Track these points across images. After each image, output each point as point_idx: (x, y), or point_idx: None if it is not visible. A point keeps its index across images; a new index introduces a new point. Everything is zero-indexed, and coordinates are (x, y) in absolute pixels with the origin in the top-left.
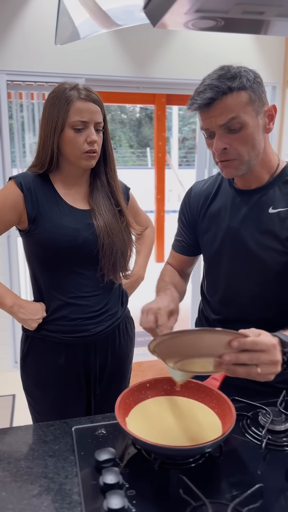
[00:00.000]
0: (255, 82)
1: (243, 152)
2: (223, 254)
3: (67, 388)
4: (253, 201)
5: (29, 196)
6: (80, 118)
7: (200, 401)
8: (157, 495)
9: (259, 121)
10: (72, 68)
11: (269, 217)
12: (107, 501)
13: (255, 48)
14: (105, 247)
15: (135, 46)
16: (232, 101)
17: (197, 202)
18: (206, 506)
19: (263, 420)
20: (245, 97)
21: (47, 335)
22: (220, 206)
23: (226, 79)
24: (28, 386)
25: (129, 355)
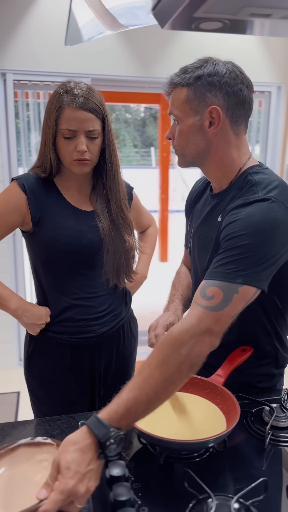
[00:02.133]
0: (200, 80)
1: (178, 145)
2: (190, 253)
3: (72, 388)
4: (211, 206)
5: (33, 198)
6: (68, 127)
7: (205, 397)
8: (162, 488)
9: (195, 121)
10: (78, 67)
11: (216, 225)
12: (114, 492)
13: (260, 48)
14: (110, 253)
15: (141, 46)
16: (174, 95)
17: (190, 199)
18: (211, 499)
19: (267, 416)
20: (184, 93)
21: (52, 337)
22: (199, 205)
23: (180, 73)
24: (32, 386)
25: (132, 354)
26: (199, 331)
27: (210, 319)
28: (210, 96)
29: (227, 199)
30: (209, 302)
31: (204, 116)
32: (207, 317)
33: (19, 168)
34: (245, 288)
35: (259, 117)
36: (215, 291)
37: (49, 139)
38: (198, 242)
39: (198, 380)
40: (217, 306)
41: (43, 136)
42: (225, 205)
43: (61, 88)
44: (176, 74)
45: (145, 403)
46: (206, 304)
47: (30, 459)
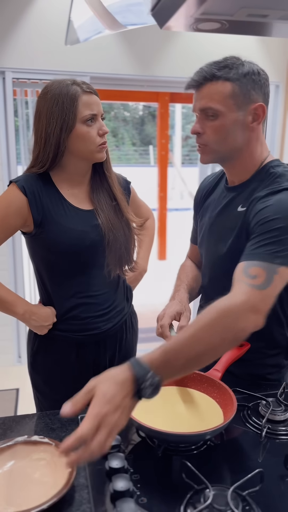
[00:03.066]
0: (246, 77)
1: (213, 140)
2: (202, 244)
3: (77, 384)
4: (230, 197)
5: (34, 200)
6: (91, 111)
7: (203, 391)
8: (160, 479)
9: (238, 116)
10: (77, 66)
11: (237, 215)
12: (113, 483)
13: (259, 47)
14: (110, 243)
15: (140, 45)
16: (214, 89)
17: (200, 194)
18: (208, 489)
19: (263, 410)
20: (227, 88)
21: (58, 335)
22: (212, 199)
23: (217, 66)
24: (37, 383)
25: (133, 349)
26: (245, 306)
27: (256, 297)
28: (253, 94)
29: (247, 190)
30: (253, 280)
31: (247, 112)
32: (253, 294)
33: (18, 167)
34: (283, 269)
35: None
36: (257, 271)
37: (58, 133)
38: (215, 232)
39: (196, 374)
40: (261, 285)
41: (44, 133)
42: (245, 196)
43: (64, 82)
44: (212, 67)
45: (183, 360)
46: (251, 282)
47: (26, 457)
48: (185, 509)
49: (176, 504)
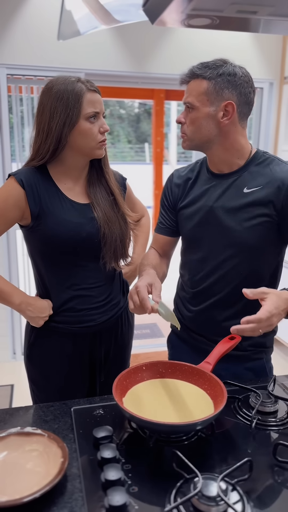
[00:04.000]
0: (221, 77)
1: (190, 130)
2: (200, 230)
3: (72, 376)
4: (229, 183)
5: (31, 192)
6: (94, 109)
7: (194, 383)
8: (151, 469)
9: (210, 111)
10: (71, 62)
11: (244, 195)
12: (105, 473)
13: (253, 44)
14: (106, 236)
15: (135, 41)
16: (194, 85)
17: (178, 186)
18: (197, 478)
19: (253, 402)
20: (203, 86)
21: (54, 326)
22: (199, 189)
23: (201, 66)
24: (33, 374)
25: (129, 342)
26: None
27: None
28: (227, 92)
29: (245, 175)
30: None
31: (219, 108)
32: None
33: (13, 164)
34: None
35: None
36: None
37: (60, 127)
38: (218, 215)
39: (187, 367)
40: None
41: (46, 127)
42: (245, 180)
43: (68, 79)
44: (197, 67)
45: None
46: None
47: (19, 448)
48: (175, 497)
49: (166, 492)
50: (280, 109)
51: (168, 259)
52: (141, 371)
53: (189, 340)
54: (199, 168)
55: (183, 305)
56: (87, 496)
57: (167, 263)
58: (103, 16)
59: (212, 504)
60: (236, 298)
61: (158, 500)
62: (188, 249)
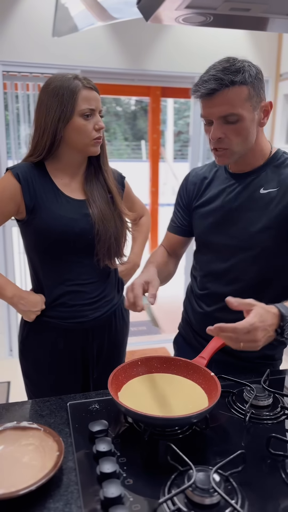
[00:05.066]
0: (256, 78)
1: (236, 143)
2: (215, 230)
3: (65, 372)
4: (246, 182)
5: (27, 187)
6: (89, 106)
7: (189, 378)
8: (146, 462)
9: (255, 116)
10: (67, 59)
11: (260, 196)
12: (100, 466)
13: (249, 41)
14: (100, 233)
15: (131, 38)
16: (233, 95)
17: (194, 185)
18: (192, 470)
19: (247, 396)
20: (245, 92)
21: (46, 321)
22: (216, 189)
23: (230, 72)
24: (26, 369)
25: (124, 339)
26: None
27: None
28: (262, 92)
29: (262, 175)
30: None
31: (259, 110)
32: None
33: (9, 161)
34: None
35: None
36: None
37: (55, 123)
38: (235, 216)
39: (182, 362)
40: None
41: (43, 123)
42: (263, 180)
43: (66, 76)
44: (227, 73)
45: None
46: None
47: (15, 443)
48: (169, 489)
49: (161, 484)
50: (276, 107)
51: (177, 259)
52: (136, 366)
53: (195, 344)
54: (217, 167)
55: (191, 307)
56: (83, 488)
57: (175, 263)
58: (98, 12)
59: (205, 495)
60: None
61: (152, 492)
62: (201, 249)
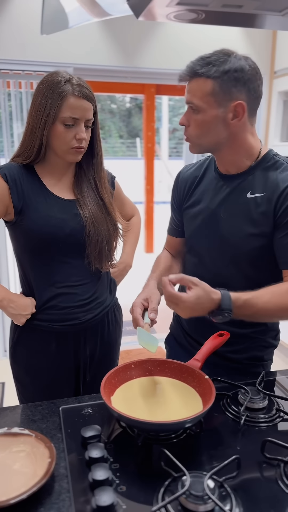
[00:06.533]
0: (227, 75)
1: (195, 135)
2: (201, 234)
3: (57, 375)
4: (233, 185)
5: (15, 187)
6: (72, 115)
7: (183, 380)
8: (140, 468)
9: (219, 113)
10: (60, 57)
11: (246, 201)
12: (92, 473)
13: (243, 39)
14: (91, 235)
15: (124, 35)
16: (197, 85)
17: (184, 184)
18: (185, 476)
19: (242, 398)
20: (208, 86)
21: (37, 325)
22: (204, 188)
23: (202, 63)
24: (18, 373)
25: (117, 341)
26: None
27: None
28: (235, 91)
29: (250, 178)
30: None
31: (228, 109)
32: None
33: (1, 159)
34: None
35: None
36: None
37: (42, 125)
38: (220, 220)
39: (176, 364)
40: None
41: (31, 123)
42: (251, 183)
43: (59, 77)
44: (197, 63)
45: (257, 308)
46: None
47: (6, 449)
48: (163, 496)
49: (154, 491)
50: (270, 104)
51: (182, 259)
52: (129, 369)
53: (185, 344)
54: (207, 166)
55: None
56: (75, 496)
57: (181, 263)
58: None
59: (199, 502)
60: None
61: (146, 499)
62: (190, 251)
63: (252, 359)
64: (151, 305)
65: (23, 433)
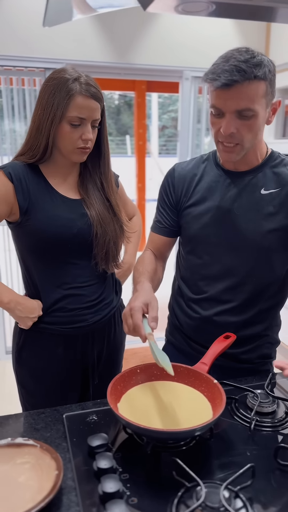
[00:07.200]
0: (273, 75)
1: (247, 139)
2: (212, 232)
3: (64, 379)
4: (244, 183)
5: (20, 187)
6: (79, 115)
7: (190, 385)
8: (150, 478)
9: (266, 113)
10: (52, 53)
11: (261, 197)
12: (102, 485)
13: (236, 36)
14: (99, 236)
15: (117, 31)
16: (253, 89)
17: (182, 182)
18: (200, 486)
19: (251, 402)
20: (263, 88)
21: (44, 328)
22: (208, 185)
23: (252, 65)
24: (23, 378)
25: (122, 342)
26: None
27: None
28: (275, 89)
29: (260, 175)
30: None
31: (270, 108)
32: None
33: None
34: None
35: None
36: None
37: (49, 124)
38: (233, 217)
39: (183, 368)
40: None
41: (37, 121)
42: (261, 180)
43: (67, 75)
44: (246, 65)
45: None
46: None
47: (10, 461)
48: (177, 508)
49: (167, 503)
50: None
51: (164, 262)
52: (135, 374)
53: (188, 350)
54: (206, 163)
55: (182, 312)
56: (85, 510)
57: (163, 266)
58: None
59: None
60: (247, 305)
61: (159, 511)
62: (196, 251)
63: (263, 357)
64: (152, 313)
65: (27, 444)
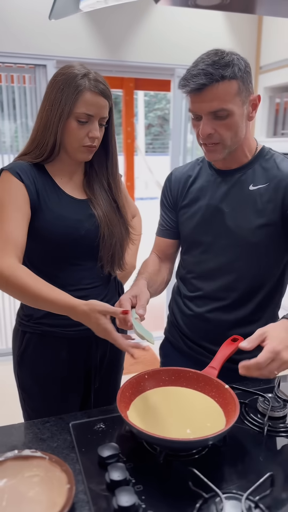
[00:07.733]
0: (245, 72)
1: (227, 138)
2: (202, 230)
3: (67, 382)
4: (233, 180)
5: (30, 186)
6: (86, 111)
7: (200, 390)
8: (165, 489)
9: (244, 110)
10: (42, 49)
11: (249, 193)
12: (117, 498)
13: (228, 34)
14: (105, 238)
15: (108, 28)
16: (223, 89)
17: (178, 184)
18: (219, 498)
19: (261, 406)
20: (234, 87)
21: (47, 331)
22: (201, 186)
23: (219, 66)
24: (24, 382)
25: None
26: None
27: None
28: (250, 85)
29: (250, 172)
30: None
31: (248, 104)
32: None
33: None
34: None
35: None
36: None
37: (57, 120)
38: (223, 214)
39: (192, 373)
40: None
41: (45, 118)
42: (250, 177)
43: (76, 70)
44: (217, 67)
45: None
46: None
47: (18, 475)
48: None
49: None
50: None
51: (171, 263)
52: (143, 380)
53: (185, 350)
54: (200, 165)
55: (179, 310)
56: None
57: (169, 268)
58: None
59: None
60: (240, 304)
61: None
62: (190, 250)
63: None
64: (139, 302)
65: (35, 456)
